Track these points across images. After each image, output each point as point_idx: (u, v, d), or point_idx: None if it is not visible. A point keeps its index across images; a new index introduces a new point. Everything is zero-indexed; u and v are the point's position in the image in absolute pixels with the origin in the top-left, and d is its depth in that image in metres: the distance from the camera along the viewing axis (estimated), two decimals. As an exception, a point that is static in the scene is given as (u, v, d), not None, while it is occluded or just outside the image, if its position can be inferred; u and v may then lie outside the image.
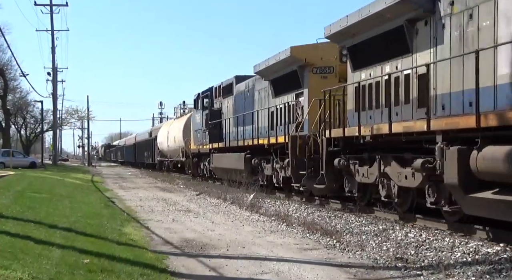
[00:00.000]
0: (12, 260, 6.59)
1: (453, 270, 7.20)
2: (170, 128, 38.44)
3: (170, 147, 37.37)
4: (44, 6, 49.81)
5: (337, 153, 13.39)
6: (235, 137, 22.40)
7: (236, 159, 21.13)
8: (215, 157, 24.62)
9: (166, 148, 39.29)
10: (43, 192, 17.85)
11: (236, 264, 7.90)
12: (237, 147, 21.68)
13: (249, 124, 20.49)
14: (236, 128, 22.24)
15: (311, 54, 16.01)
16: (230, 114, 23.75)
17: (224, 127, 24.55)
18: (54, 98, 52.85)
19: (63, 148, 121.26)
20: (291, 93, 17.20)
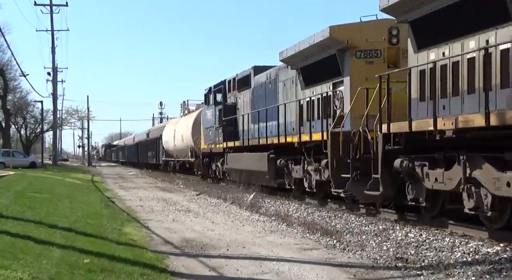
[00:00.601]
0: (12, 260, 6.58)
1: (453, 270, 7.20)
2: (177, 126, 35.83)
3: (177, 147, 35.09)
4: (44, 6, 49.85)
5: (396, 152, 10.91)
6: (253, 134, 20.04)
7: (256, 160, 18.71)
8: (230, 157, 22.13)
9: (172, 148, 36.96)
10: (43, 192, 17.85)
11: (236, 264, 7.90)
12: (257, 146, 19.28)
13: (272, 120, 18.08)
14: (256, 124, 19.67)
15: (354, 35, 13.55)
16: (247, 109, 21.17)
17: (241, 124, 21.83)
18: (54, 98, 52.88)
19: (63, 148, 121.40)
20: (327, 82, 14.73)
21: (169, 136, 37.68)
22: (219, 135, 24.08)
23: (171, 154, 38.18)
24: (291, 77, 17.08)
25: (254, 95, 20.55)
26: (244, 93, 21.75)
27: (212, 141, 25.39)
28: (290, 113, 16.80)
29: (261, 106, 19.25)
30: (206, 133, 26.94)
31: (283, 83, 17.80)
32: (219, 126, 23.95)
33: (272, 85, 18.83)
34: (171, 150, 37.68)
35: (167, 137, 38.14)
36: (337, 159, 12.99)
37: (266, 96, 19.23)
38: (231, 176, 22.55)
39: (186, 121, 33.39)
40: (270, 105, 18.43)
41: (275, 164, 17.51)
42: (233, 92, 23.24)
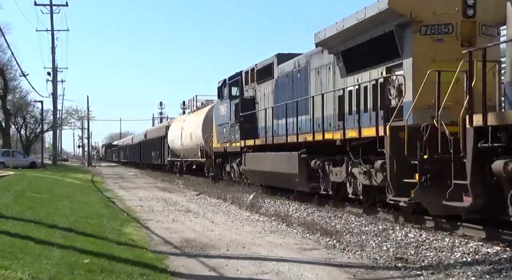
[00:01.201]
0: (12, 260, 6.59)
1: (453, 270, 7.21)
2: (185, 123, 32.78)
3: (185, 146, 32.20)
4: (44, 6, 49.77)
5: (491, 152, 8.57)
6: (278, 131, 17.66)
7: (284, 160, 16.28)
8: (249, 158, 19.51)
9: (179, 147, 34.13)
10: (43, 192, 17.85)
11: (236, 264, 7.90)
12: (283, 144, 16.68)
13: (302, 114, 15.71)
14: (281, 119, 17.31)
15: (419, 6, 11.05)
16: (269, 102, 18.74)
17: (262, 120, 19.26)
18: (54, 98, 52.84)
19: (63, 148, 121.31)
20: (378, 67, 12.15)
21: (175, 134, 35.02)
22: (235, 133, 21.48)
23: (177, 154, 35.46)
24: (327, 63, 14.59)
25: (278, 86, 18.06)
26: (265, 84, 19.28)
27: (227, 139, 22.62)
28: (326, 105, 14.25)
29: (287, 98, 16.91)
30: (219, 130, 24.02)
31: (317, 71, 15.23)
32: (235, 123, 21.37)
33: (301, 74, 16.21)
34: (177, 149, 35.03)
35: (173, 135, 35.58)
36: (399, 160, 10.52)
37: (294, 87, 16.73)
38: (249, 178, 19.88)
39: (196, 118, 30.40)
40: (298, 97, 16.01)
41: (307, 165, 15.10)
42: (251, 84, 20.66)
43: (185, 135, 31.99)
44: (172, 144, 36.09)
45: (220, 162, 24.34)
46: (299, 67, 16.50)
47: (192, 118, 32.03)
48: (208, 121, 27.18)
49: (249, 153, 19.73)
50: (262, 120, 19.09)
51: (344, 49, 13.44)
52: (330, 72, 14.45)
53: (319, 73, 15.10)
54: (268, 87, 18.99)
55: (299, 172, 15.28)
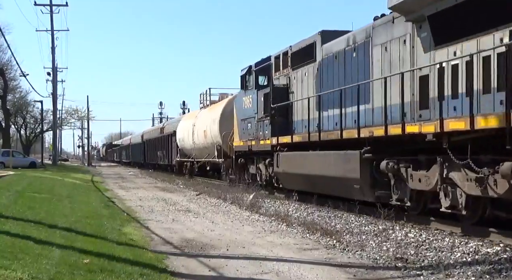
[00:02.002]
0: (12, 260, 6.59)
1: (453, 270, 7.21)
2: (198, 119, 29.71)
3: (197, 144, 29.14)
4: (44, 6, 49.82)
5: None
6: (323, 125, 14.40)
7: (337, 161, 13.09)
8: (284, 158, 16.45)
9: (189, 146, 31.14)
10: (43, 192, 17.85)
11: (236, 264, 7.90)
12: (333, 141, 13.55)
13: (364, 103, 12.48)
14: (329, 110, 14.25)
15: None
16: (310, 90, 15.51)
17: (299, 112, 16.28)
18: (54, 98, 52.87)
19: (63, 148, 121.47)
20: (495, 31, 8.76)
21: (185, 132, 31.90)
22: (263, 128, 18.39)
23: (187, 153, 32.37)
24: (401, 35, 11.30)
25: (322, 70, 14.79)
26: (304, 69, 16.00)
27: (253, 136, 19.41)
28: (408, 90, 10.83)
29: (336, 84, 13.82)
30: (242, 126, 20.79)
31: (384, 47, 11.96)
32: (264, 116, 18.22)
33: (359, 52, 13.00)
34: (188, 149, 31.97)
35: (183, 133, 32.40)
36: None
37: (347, 69, 13.52)
38: (283, 182, 17.17)
39: (211, 113, 27.04)
40: (354, 81, 12.89)
41: (372, 167, 11.92)
42: (283, 71, 17.54)
43: (197, 133, 29.00)
44: (181, 143, 33.17)
45: (242, 162, 21.12)
46: (354, 44, 13.18)
47: (206, 114, 28.72)
48: (226, 116, 24.12)
49: (284, 153, 16.58)
50: (300, 112, 16.13)
51: (434, 13, 10.15)
52: (406, 46, 11.16)
53: (388, 50, 11.82)
54: (308, 72, 15.74)
55: (361, 176, 12.00)
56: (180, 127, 33.88)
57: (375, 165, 11.84)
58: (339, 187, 13.33)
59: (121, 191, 23.59)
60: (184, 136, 32.25)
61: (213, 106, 28.88)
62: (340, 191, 13.48)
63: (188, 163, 32.93)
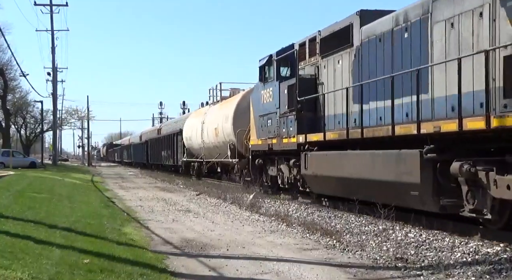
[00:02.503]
0: (12, 260, 6.59)
1: (453, 270, 7.21)
2: (207, 116, 27.51)
3: (207, 144, 26.96)
4: (44, 6, 49.78)
5: None
6: (365, 120, 12.32)
7: (388, 163, 11.00)
8: (315, 158, 14.32)
9: (198, 146, 28.96)
10: (43, 192, 17.85)
11: (236, 264, 7.90)
12: (378, 139, 11.68)
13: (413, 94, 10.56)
14: (374, 102, 12.34)
15: None
16: (345, 80, 13.62)
17: (330, 106, 14.34)
18: (54, 98, 52.87)
19: (63, 148, 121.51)
20: None
21: (193, 130, 29.75)
22: (287, 125, 16.31)
23: (195, 153, 30.26)
24: (476, 6, 9.35)
25: (362, 56, 12.90)
26: (337, 57, 14.10)
27: (274, 133, 17.40)
28: (486, 73, 8.77)
29: (381, 71, 12.00)
30: (260, 123, 18.72)
31: (449, 23, 10.02)
32: (288, 112, 16.18)
33: (412, 32, 11.03)
34: (196, 148, 29.78)
35: (191, 132, 30.29)
36: None
37: (396, 53, 11.56)
38: (313, 186, 15.07)
39: (224, 109, 24.77)
40: (407, 66, 11.00)
41: (435, 170, 9.84)
42: (310, 60, 15.71)
43: (207, 131, 26.83)
44: (188, 142, 31.06)
45: (260, 163, 19.11)
46: (406, 23, 11.29)
47: (217, 110, 26.41)
48: (240, 112, 22.09)
49: (314, 152, 14.52)
50: (332, 105, 14.24)
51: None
52: (483, 20, 9.21)
53: (455, 26, 9.88)
54: (343, 60, 13.82)
55: (422, 181, 9.95)
56: (188, 125, 31.76)
57: (440, 167, 9.77)
58: (389, 194, 11.17)
59: (121, 191, 23.59)
60: (191, 135, 30.20)
61: (225, 101, 26.61)
62: (390, 198, 11.15)
63: (195, 163, 30.82)
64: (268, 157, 18.67)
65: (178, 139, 34.12)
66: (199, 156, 29.40)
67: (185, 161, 32.30)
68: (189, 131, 30.96)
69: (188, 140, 30.96)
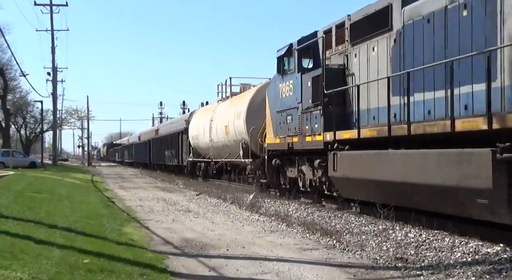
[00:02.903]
0: (12, 260, 6.59)
1: (453, 270, 7.21)
2: (216, 113, 25.94)
3: (216, 143, 25.46)
4: (44, 6, 49.82)
5: None
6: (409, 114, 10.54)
7: (448, 165, 9.20)
8: (347, 159, 12.60)
9: (205, 145, 27.44)
10: (43, 192, 17.85)
11: (236, 264, 7.90)
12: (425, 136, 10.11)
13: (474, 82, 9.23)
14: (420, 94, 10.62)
15: None
16: (381, 70, 12.04)
17: (368, 98, 12.53)
18: (54, 98, 52.89)
19: (63, 148, 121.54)
20: None
21: (200, 128, 28.28)
22: (311, 121, 14.52)
23: (202, 153, 28.82)
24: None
25: (405, 40, 11.26)
26: (371, 43, 12.51)
27: (295, 131, 15.54)
28: None
29: (430, 57, 10.37)
30: (278, 120, 16.90)
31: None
32: (313, 106, 14.34)
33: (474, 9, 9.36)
34: (203, 148, 28.33)
35: (198, 130, 28.81)
36: None
37: (451, 35, 9.89)
38: (344, 190, 13.24)
39: (235, 106, 23.07)
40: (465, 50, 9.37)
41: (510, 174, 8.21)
42: (338, 48, 14.08)
43: (216, 129, 25.20)
44: (195, 141, 29.65)
45: (278, 164, 17.40)
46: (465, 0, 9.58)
47: (227, 107, 24.70)
48: (254, 108, 20.58)
49: (345, 152, 12.81)
50: (365, 99, 12.58)
51: None
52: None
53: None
54: (379, 46, 12.23)
55: (495, 186, 8.23)
56: (194, 123, 30.16)
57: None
58: (446, 201, 9.52)
59: (121, 191, 23.58)
60: (198, 133, 28.54)
61: (236, 97, 24.76)
62: (446, 207, 9.62)
63: (202, 164, 29.29)
64: (286, 157, 16.95)
65: (183, 138, 32.57)
66: (206, 156, 27.95)
67: (191, 161, 30.87)
68: (195, 130, 29.46)
69: (195, 139, 29.57)
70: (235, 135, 22.43)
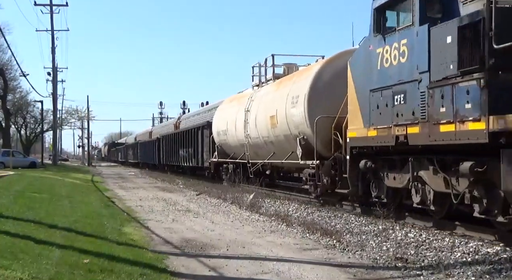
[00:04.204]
0: (12, 260, 6.59)
1: (453, 270, 7.21)
2: (254, 102, 20.04)
3: (255, 139, 19.68)
4: (44, 6, 49.81)
5: None
6: None
7: None
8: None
9: (236, 142, 21.81)
10: (43, 192, 17.86)
11: (236, 264, 7.90)
12: None
13: None
14: None
15: None
16: None
17: None
18: (54, 98, 52.88)
19: (63, 148, 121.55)
20: None
21: (230, 122, 22.54)
22: (456, 99, 8.96)
23: (231, 152, 23.25)
24: None
25: None
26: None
27: (413, 118, 10.17)
28: None
29: None
30: (374, 102, 11.63)
31: None
32: (460, 75, 8.85)
33: None
34: (233, 146, 22.52)
35: (226, 124, 23.12)
36: None
37: None
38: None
39: (288, 88, 17.13)
40: None
41: None
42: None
43: (255, 121, 19.38)
44: (221, 138, 24.05)
45: (370, 167, 12.08)
46: None
47: (272, 91, 18.86)
48: (320, 90, 14.94)
49: None
50: None
51: None
52: None
53: None
54: None
55: None
56: (220, 116, 24.63)
57: None
58: None
59: (121, 191, 23.58)
60: (227, 128, 22.96)
61: (286, 78, 18.59)
62: None
63: (230, 165, 23.50)
64: (385, 157, 11.76)
65: (205, 134, 27.40)
66: (238, 155, 22.08)
67: (216, 162, 25.08)
68: (222, 124, 23.80)
69: (221, 136, 23.92)
70: (288, 128, 16.55)
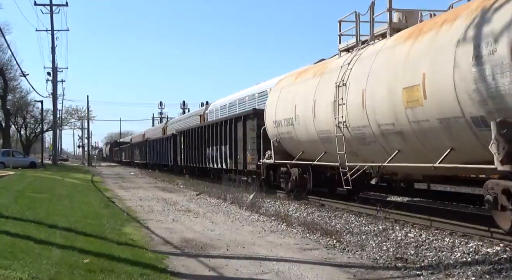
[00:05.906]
0: (12, 260, 6.59)
1: (453, 270, 7.21)
2: (355, 69, 12.39)
3: (358, 127, 12.08)
4: (44, 6, 49.83)
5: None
6: None
7: None
8: None
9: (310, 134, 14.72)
10: (43, 192, 17.85)
11: (236, 264, 7.90)
12: None
13: None
14: None
15: None
16: None
17: None
18: (54, 98, 52.88)
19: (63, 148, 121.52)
20: None
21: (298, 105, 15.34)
22: None
23: (298, 151, 16.03)
24: None
25: None
26: None
27: None
28: None
29: None
30: None
31: None
32: None
33: None
34: (305, 141, 15.32)
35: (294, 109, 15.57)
36: None
37: None
38: None
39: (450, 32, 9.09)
40: None
41: None
42: None
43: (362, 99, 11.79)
44: (282, 131, 16.73)
45: None
46: None
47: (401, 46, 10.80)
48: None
49: None
50: None
51: None
52: None
53: None
54: None
55: None
56: (280, 98, 17.03)
57: None
58: None
59: (121, 191, 23.58)
60: (294, 115, 15.62)
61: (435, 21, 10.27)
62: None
63: (295, 170, 16.34)
64: None
65: (248, 126, 20.13)
66: (313, 155, 14.95)
67: (271, 164, 17.92)
68: (283, 110, 16.55)
69: (281, 127, 16.75)
70: (458, 104, 8.88)
